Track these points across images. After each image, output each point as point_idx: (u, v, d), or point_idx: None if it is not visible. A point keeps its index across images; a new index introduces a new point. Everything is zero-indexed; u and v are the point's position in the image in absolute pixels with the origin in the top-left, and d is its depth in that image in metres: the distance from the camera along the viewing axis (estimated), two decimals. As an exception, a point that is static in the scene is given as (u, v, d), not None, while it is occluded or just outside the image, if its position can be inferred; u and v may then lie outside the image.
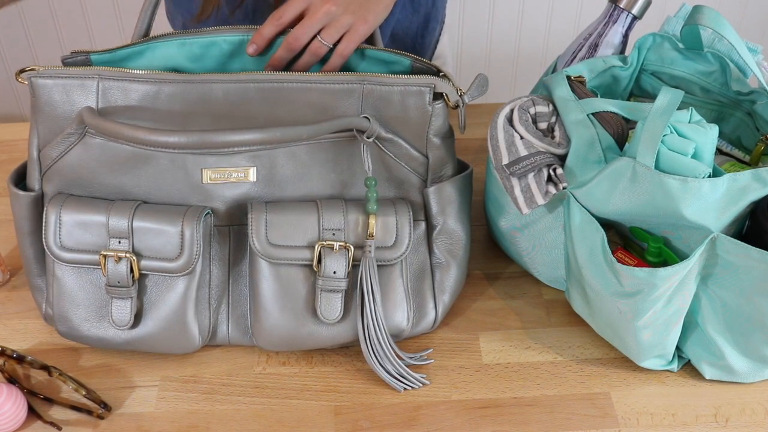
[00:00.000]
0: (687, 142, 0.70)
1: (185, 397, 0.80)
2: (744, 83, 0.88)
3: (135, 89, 0.78)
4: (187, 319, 0.79)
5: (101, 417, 0.78)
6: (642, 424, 0.76)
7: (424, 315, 0.82)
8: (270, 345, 0.80)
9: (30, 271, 0.84)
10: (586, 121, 0.77)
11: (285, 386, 0.80)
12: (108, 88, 0.78)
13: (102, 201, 0.78)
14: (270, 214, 0.78)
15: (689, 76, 0.90)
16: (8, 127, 1.14)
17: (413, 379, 0.80)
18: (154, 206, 0.78)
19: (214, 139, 0.71)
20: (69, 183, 0.80)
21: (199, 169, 0.79)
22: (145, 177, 0.79)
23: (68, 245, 0.78)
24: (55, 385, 0.81)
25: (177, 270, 0.77)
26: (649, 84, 0.93)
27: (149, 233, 0.77)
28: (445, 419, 0.77)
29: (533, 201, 0.77)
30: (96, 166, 0.79)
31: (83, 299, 0.79)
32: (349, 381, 0.81)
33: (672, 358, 0.80)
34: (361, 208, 0.79)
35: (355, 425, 0.77)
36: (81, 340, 0.81)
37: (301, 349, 0.82)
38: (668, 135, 0.71)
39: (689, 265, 0.71)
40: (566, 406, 0.78)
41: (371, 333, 0.78)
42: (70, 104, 0.78)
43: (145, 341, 0.80)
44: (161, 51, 0.83)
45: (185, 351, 0.81)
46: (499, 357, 0.83)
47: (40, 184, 0.81)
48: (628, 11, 0.91)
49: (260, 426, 0.77)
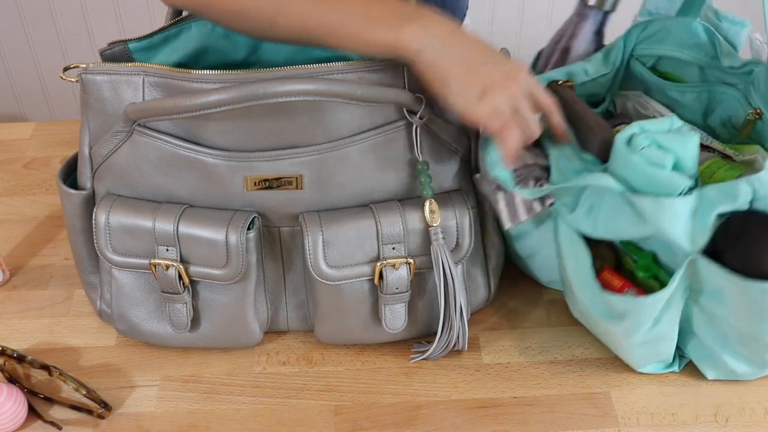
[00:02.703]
0: (665, 155, 0.68)
1: (185, 397, 0.80)
2: (735, 57, 0.84)
3: (178, 86, 0.74)
4: (246, 320, 0.79)
5: (101, 416, 0.78)
6: (642, 424, 0.76)
7: (476, 295, 0.83)
8: (330, 342, 0.82)
9: (83, 268, 0.83)
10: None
11: (285, 386, 0.80)
12: (152, 84, 0.75)
13: (149, 204, 0.77)
14: (326, 231, 0.75)
15: (679, 54, 0.87)
16: (8, 127, 1.14)
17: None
18: (199, 211, 0.76)
19: (258, 91, 0.67)
20: (118, 182, 0.78)
21: (242, 177, 0.75)
22: (190, 180, 0.77)
23: (119, 250, 0.77)
24: (55, 385, 0.81)
25: (225, 278, 0.76)
26: (639, 72, 0.90)
27: (195, 241, 0.75)
28: (445, 419, 0.77)
29: (516, 216, 0.75)
30: (144, 165, 0.77)
31: (142, 300, 0.80)
32: (350, 381, 0.81)
33: (673, 360, 0.80)
34: (418, 205, 0.76)
35: (355, 425, 0.77)
36: (140, 338, 0.82)
37: (363, 344, 0.84)
38: (646, 148, 0.69)
39: (670, 291, 0.70)
40: (566, 405, 0.78)
41: (453, 323, 0.78)
42: (118, 101, 0.76)
43: (206, 340, 0.81)
44: (196, 30, 0.82)
45: (246, 345, 0.82)
46: (499, 357, 0.83)
47: (91, 182, 0.79)
48: (597, 8, 0.87)
49: (260, 426, 0.77)
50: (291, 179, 0.75)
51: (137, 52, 0.81)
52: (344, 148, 0.75)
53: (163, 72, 0.74)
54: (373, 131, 0.75)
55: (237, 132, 0.74)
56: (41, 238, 0.97)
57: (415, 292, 0.79)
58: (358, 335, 0.81)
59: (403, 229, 0.76)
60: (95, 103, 0.76)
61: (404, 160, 0.77)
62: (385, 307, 0.78)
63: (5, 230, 0.98)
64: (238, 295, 0.78)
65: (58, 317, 0.88)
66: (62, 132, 1.13)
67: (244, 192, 0.76)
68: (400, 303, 0.78)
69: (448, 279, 0.77)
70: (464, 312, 0.78)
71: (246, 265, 0.76)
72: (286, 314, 0.83)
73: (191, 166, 0.76)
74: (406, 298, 0.78)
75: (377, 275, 0.76)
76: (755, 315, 0.70)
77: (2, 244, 0.97)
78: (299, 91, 0.68)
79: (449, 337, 0.79)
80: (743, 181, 0.67)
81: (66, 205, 0.80)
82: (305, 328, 0.84)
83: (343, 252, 0.75)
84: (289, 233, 0.79)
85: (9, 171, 1.07)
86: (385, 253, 0.76)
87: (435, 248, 0.76)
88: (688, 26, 0.86)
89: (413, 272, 0.77)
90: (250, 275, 0.77)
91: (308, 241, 0.75)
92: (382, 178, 0.77)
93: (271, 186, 0.76)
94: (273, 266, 0.81)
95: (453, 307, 0.78)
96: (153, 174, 0.77)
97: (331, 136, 0.74)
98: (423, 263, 0.77)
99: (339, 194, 0.77)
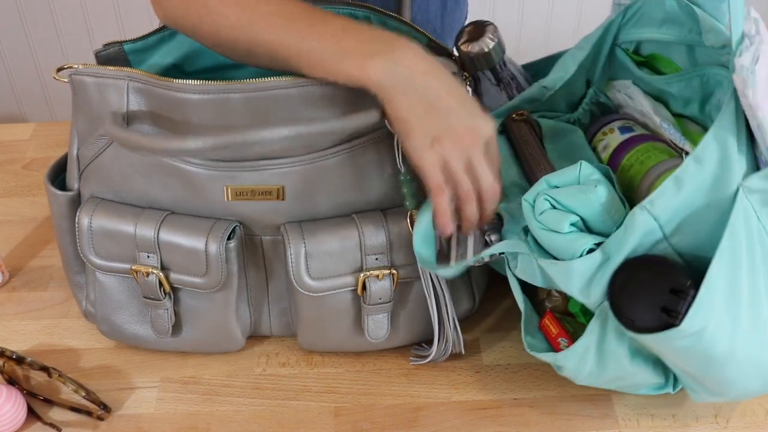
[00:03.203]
0: (562, 217, 0.65)
1: (185, 398, 0.80)
2: (719, 33, 0.73)
3: (160, 94, 0.73)
4: (229, 327, 0.79)
5: (101, 418, 0.78)
6: (642, 426, 0.76)
7: (459, 305, 0.82)
8: (313, 348, 0.82)
9: (70, 268, 0.83)
10: (507, 163, 0.76)
11: (285, 387, 0.80)
12: (136, 90, 0.74)
13: (132, 209, 0.77)
14: (309, 242, 0.74)
15: (659, 35, 0.81)
16: (8, 127, 1.14)
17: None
18: (181, 218, 0.76)
19: (235, 140, 0.66)
20: (103, 185, 0.78)
21: (223, 187, 0.74)
22: (172, 187, 0.76)
23: (102, 254, 0.77)
24: (54, 387, 0.81)
25: (206, 286, 0.76)
26: (623, 62, 0.85)
27: (175, 248, 0.75)
28: (445, 420, 0.77)
29: (464, 257, 0.73)
30: (127, 169, 0.76)
31: (125, 303, 0.80)
32: (349, 382, 0.81)
33: (666, 382, 0.75)
34: (401, 215, 0.75)
35: (355, 426, 0.77)
36: (123, 340, 0.82)
37: (345, 351, 0.84)
38: (544, 212, 0.66)
39: (585, 343, 0.68)
40: (567, 407, 0.78)
41: (446, 326, 0.78)
42: (104, 103, 0.75)
43: (188, 344, 0.81)
44: None
45: (229, 350, 0.82)
46: (499, 358, 0.83)
47: (78, 183, 0.80)
48: (482, 70, 0.84)
49: (260, 427, 0.77)
50: (272, 190, 0.75)
51: (132, 54, 0.81)
52: (325, 160, 0.74)
53: (146, 78, 0.73)
54: (354, 141, 0.74)
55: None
56: (41, 239, 0.97)
57: (397, 301, 0.79)
58: (340, 344, 0.81)
59: (386, 240, 0.75)
60: (83, 105, 0.76)
61: (386, 171, 0.76)
62: (368, 317, 0.77)
63: (5, 231, 0.98)
64: (219, 302, 0.78)
65: (58, 319, 0.88)
66: (62, 133, 1.13)
67: (226, 201, 0.75)
68: (383, 313, 0.77)
69: (437, 288, 0.76)
70: (456, 320, 0.78)
71: (226, 274, 0.75)
72: (269, 320, 0.83)
73: (173, 174, 0.75)
74: (389, 308, 0.77)
75: (360, 286, 0.76)
76: (690, 360, 0.65)
77: (2, 245, 0.97)
78: (278, 139, 0.66)
79: (446, 346, 0.80)
80: (638, 211, 0.63)
81: (53, 205, 0.81)
82: (289, 333, 0.84)
83: (325, 263, 0.75)
84: (271, 242, 0.78)
85: (9, 172, 1.07)
86: (368, 264, 0.75)
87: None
88: (661, 3, 0.79)
89: (396, 283, 0.76)
90: (231, 284, 0.77)
91: (290, 252, 0.74)
92: (364, 189, 0.76)
93: (253, 196, 0.75)
94: (256, 274, 0.80)
95: (446, 314, 0.78)
96: (136, 179, 0.77)
97: (313, 148, 0.73)
98: (406, 273, 0.77)
99: (321, 205, 0.76)
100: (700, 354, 0.63)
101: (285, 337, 0.85)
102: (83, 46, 1.84)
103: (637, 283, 0.63)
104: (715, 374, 0.66)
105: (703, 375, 0.67)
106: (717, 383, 0.67)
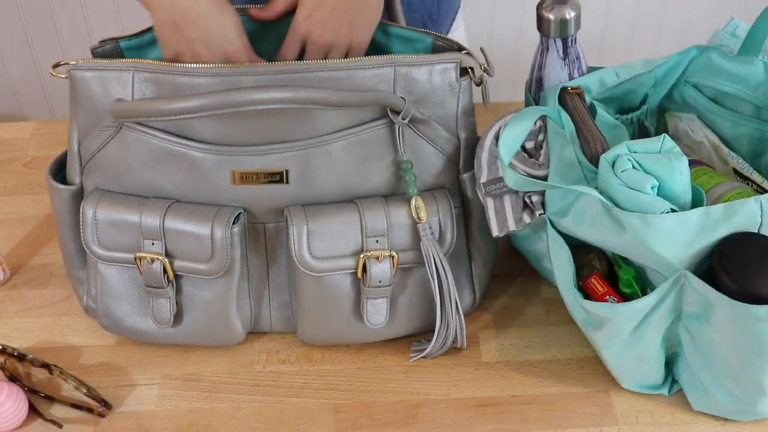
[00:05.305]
0: (644, 178, 0.67)
1: (186, 396, 0.80)
2: None
3: (169, 81, 0.75)
4: (229, 317, 0.80)
5: (102, 415, 0.78)
6: (641, 422, 0.76)
7: (460, 299, 0.82)
8: (313, 342, 0.82)
9: (71, 264, 0.84)
10: (565, 139, 0.75)
11: (285, 384, 0.81)
12: (143, 80, 0.76)
13: (136, 198, 0.78)
14: (311, 222, 0.76)
15: (734, 91, 0.84)
16: (9, 126, 1.14)
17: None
18: (186, 206, 0.77)
19: (235, 98, 0.69)
20: (107, 177, 0.79)
21: (229, 171, 0.77)
22: (178, 175, 0.78)
23: (105, 244, 0.78)
24: (55, 383, 0.81)
25: (210, 272, 0.77)
26: (691, 96, 0.87)
27: (181, 235, 0.76)
28: (445, 417, 0.77)
29: (505, 225, 0.76)
30: (132, 160, 0.78)
31: (126, 295, 0.80)
32: (349, 379, 0.81)
33: (662, 383, 0.77)
34: (402, 201, 0.77)
35: (355, 423, 0.77)
36: (124, 334, 0.82)
37: (345, 344, 0.84)
38: (626, 170, 0.68)
39: (649, 301, 0.69)
40: (566, 404, 0.78)
41: (450, 314, 0.78)
42: (107, 96, 0.76)
43: (188, 337, 0.81)
44: None
45: (229, 344, 0.82)
46: (498, 355, 0.83)
47: (80, 177, 0.80)
48: (554, 38, 0.85)
49: (260, 424, 0.77)
50: (277, 173, 0.76)
51: (128, 51, 0.82)
52: (329, 144, 0.76)
53: (153, 67, 0.75)
54: (357, 128, 0.76)
55: (225, 126, 0.75)
56: (42, 238, 0.97)
57: (397, 289, 0.79)
58: (339, 333, 0.81)
59: (386, 223, 0.76)
60: (83, 100, 0.77)
61: (389, 158, 0.78)
62: (367, 301, 0.78)
63: (6, 229, 0.99)
64: (221, 290, 0.78)
65: (59, 316, 0.88)
66: (63, 131, 1.13)
67: (231, 186, 0.77)
68: (382, 298, 0.78)
69: (441, 273, 0.77)
70: (459, 307, 0.78)
71: (230, 259, 0.76)
72: (269, 313, 0.83)
73: (179, 160, 0.77)
74: (388, 292, 0.78)
75: (360, 267, 0.77)
76: (746, 345, 0.67)
77: (3, 244, 0.97)
78: (276, 99, 0.69)
79: (447, 333, 0.79)
80: (752, 201, 0.66)
81: (55, 201, 0.81)
82: (289, 329, 0.84)
83: (327, 243, 0.76)
84: (274, 229, 0.80)
85: (9, 170, 1.07)
86: (369, 245, 0.76)
87: (425, 244, 0.77)
88: (749, 63, 0.83)
89: (396, 267, 0.77)
90: (233, 270, 0.77)
91: (293, 232, 0.75)
92: (366, 175, 0.78)
93: (257, 180, 0.77)
94: (257, 263, 0.81)
95: (449, 301, 0.78)
96: (141, 169, 0.78)
97: (316, 132, 0.75)
98: (407, 259, 0.78)
99: (324, 189, 0.78)
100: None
101: (285, 333, 0.85)
102: (83, 46, 1.84)
103: (757, 256, 0.66)
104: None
105: (759, 373, 0.68)
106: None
